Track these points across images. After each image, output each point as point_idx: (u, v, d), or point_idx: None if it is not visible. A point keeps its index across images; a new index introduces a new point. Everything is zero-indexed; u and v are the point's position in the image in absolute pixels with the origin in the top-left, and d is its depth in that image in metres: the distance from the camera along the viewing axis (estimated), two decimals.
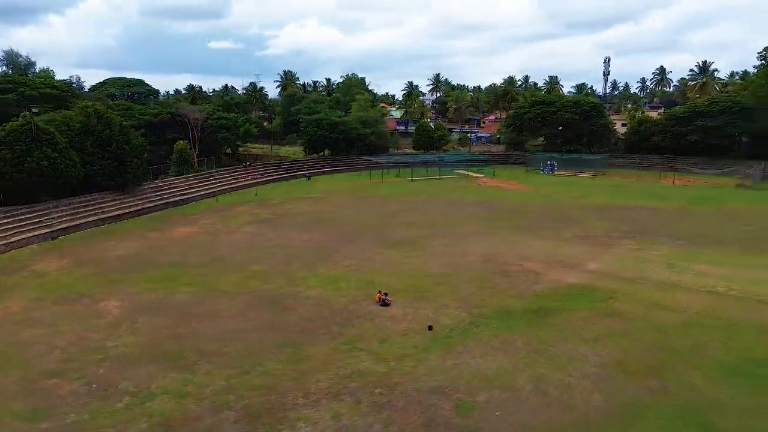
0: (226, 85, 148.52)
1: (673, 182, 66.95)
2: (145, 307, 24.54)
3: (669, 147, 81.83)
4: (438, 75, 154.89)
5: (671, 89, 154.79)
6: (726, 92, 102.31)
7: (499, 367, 18.77)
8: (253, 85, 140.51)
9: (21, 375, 18.43)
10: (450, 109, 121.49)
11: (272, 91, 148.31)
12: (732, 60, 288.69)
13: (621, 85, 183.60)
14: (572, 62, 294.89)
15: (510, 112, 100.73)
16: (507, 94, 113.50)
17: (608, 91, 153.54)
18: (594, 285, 27.52)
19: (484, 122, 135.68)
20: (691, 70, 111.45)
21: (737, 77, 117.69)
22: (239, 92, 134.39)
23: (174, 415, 15.96)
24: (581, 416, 15.87)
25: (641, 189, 62.15)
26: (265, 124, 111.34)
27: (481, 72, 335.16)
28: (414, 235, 38.13)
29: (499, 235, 38.32)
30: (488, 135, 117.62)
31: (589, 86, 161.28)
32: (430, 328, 22.09)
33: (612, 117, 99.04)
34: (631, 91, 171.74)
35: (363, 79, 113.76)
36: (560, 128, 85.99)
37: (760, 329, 21.84)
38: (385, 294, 25.19)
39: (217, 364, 19.11)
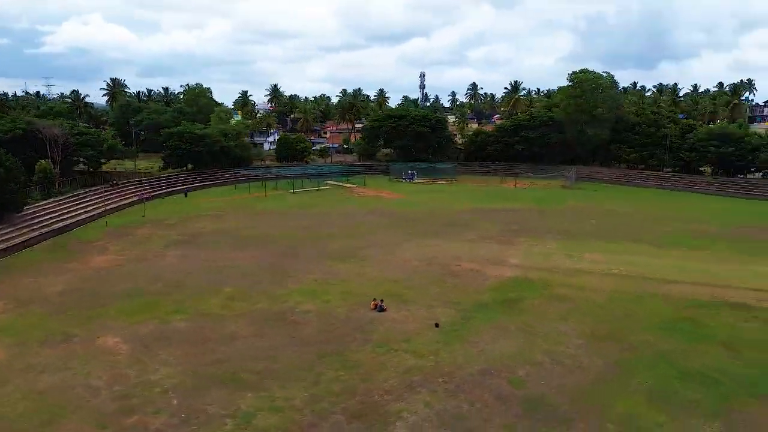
0: (26, 91, 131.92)
1: (515, 185, 78.82)
2: (152, 339, 24.12)
3: (501, 155, 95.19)
4: (276, 86, 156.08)
5: (479, 101, 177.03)
6: (532, 107, 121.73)
7: (515, 348, 23.26)
8: (75, 92, 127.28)
9: (91, 418, 17.89)
10: (299, 120, 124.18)
11: (96, 98, 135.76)
12: (503, 75, 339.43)
13: (432, 97, 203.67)
14: (376, 72, 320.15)
15: (365, 123, 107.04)
16: (353, 106, 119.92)
17: (424, 103, 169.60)
18: (528, 277, 33.64)
19: (326, 133, 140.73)
20: (505, 87, 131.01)
21: (542, 94, 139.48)
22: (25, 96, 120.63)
23: (290, 428, 17.43)
24: (597, 375, 21.04)
25: (495, 192, 72.36)
26: None
27: (292, 79, 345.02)
28: (348, 247, 41.01)
29: (415, 241, 43.03)
30: (335, 146, 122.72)
31: (412, 99, 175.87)
32: (437, 325, 25.71)
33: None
34: (443, 104, 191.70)
35: (209, 89, 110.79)
36: (408, 141, 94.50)
37: (663, 298, 29.66)
38: (381, 301, 28.13)
39: (281, 379, 20.48)
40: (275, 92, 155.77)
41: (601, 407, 18.70)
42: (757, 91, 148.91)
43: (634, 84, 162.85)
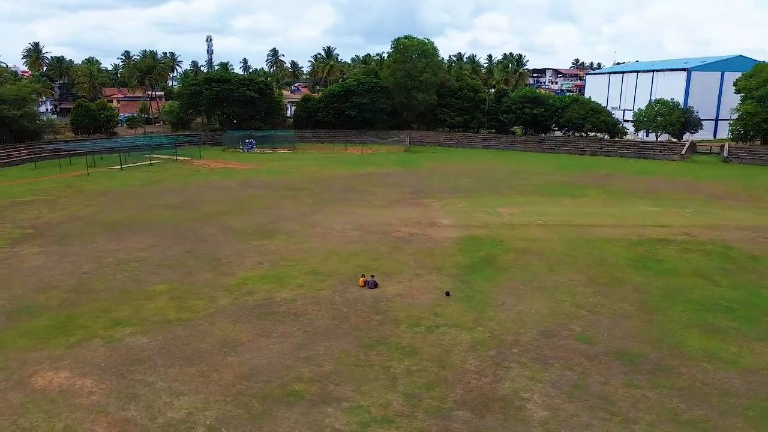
0: None
1: (361, 152, 77.92)
2: (121, 366, 17.17)
3: (332, 122, 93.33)
4: (38, 44, 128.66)
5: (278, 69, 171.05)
6: (349, 74, 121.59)
7: (544, 306, 22.22)
8: None
9: None
10: (83, 85, 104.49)
11: None
12: (270, 45, 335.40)
13: (216, 65, 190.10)
14: (129, 36, 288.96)
15: (179, 89, 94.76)
16: (153, 69, 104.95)
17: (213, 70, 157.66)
18: (474, 235, 32.95)
19: (111, 101, 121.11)
20: (319, 53, 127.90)
21: (359, 60, 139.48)
22: None
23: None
24: (640, 318, 21.14)
25: (349, 159, 70.59)
26: None
27: (19, 40, 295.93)
28: (256, 223, 35.49)
29: (324, 210, 39.32)
30: (126, 116, 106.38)
31: (200, 64, 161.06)
32: (447, 294, 23.35)
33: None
34: (236, 71, 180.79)
35: None
36: (237, 107, 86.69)
37: (606, 241, 31.54)
38: (371, 276, 24.56)
39: (351, 385, 16.23)
40: (36, 52, 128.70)
41: (678, 346, 18.73)
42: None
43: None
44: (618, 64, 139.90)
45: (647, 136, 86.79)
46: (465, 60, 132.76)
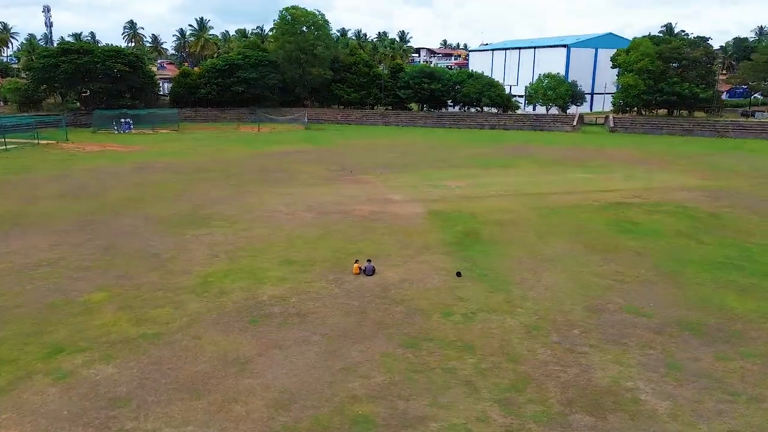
0: None
1: (258, 130, 71.75)
2: (89, 407, 12.03)
3: (217, 99, 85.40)
4: None
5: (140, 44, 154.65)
6: (230, 48, 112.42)
7: (567, 280, 20.19)
8: None
9: None
10: None
11: None
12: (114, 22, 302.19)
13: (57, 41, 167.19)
14: None
15: (29, 62, 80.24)
16: None
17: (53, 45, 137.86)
18: (439, 209, 30.32)
19: None
20: (190, 24, 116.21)
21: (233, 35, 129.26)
22: None
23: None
24: (668, 286, 19.87)
25: (249, 138, 64.80)
26: None
27: None
28: (183, 210, 29.84)
29: (257, 193, 34.36)
30: None
31: (38, 38, 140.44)
32: (458, 274, 20.45)
33: None
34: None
35: None
36: (106, 83, 75.50)
37: (572, 208, 30.59)
38: (368, 261, 20.82)
39: (425, 398, 12.70)
40: None
41: (725, 309, 17.60)
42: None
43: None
44: (484, 44, 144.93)
45: (534, 110, 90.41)
46: (350, 36, 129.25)
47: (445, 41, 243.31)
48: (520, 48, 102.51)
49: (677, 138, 67.31)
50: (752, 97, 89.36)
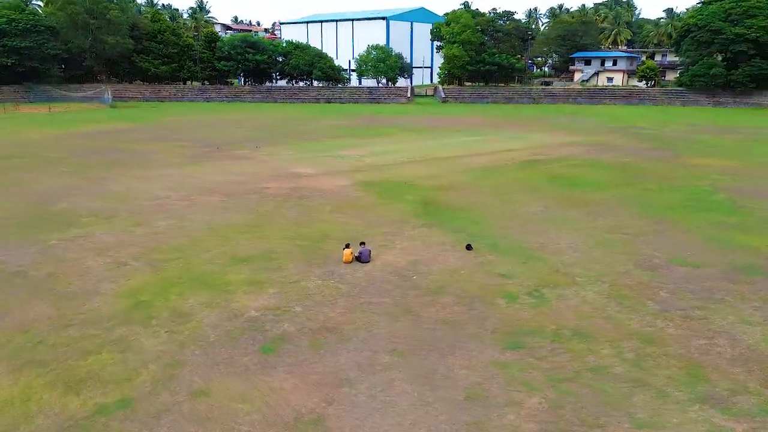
0: None
1: (50, 110, 57.53)
2: None
3: None
4: None
5: None
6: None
7: (584, 237, 17.81)
8: None
9: None
10: None
11: None
12: None
13: None
14: None
15: None
16: None
17: None
18: (369, 181, 26.00)
19: None
20: None
21: None
22: None
23: None
24: (680, 231, 18.69)
25: (42, 119, 51.66)
26: None
27: None
28: (31, 207, 20.92)
29: (118, 178, 26.24)
30: None
31: None
32: (469, 247, 16.68)
33: None
34: None
35: None
36: None
37: (502, 168, 28.71)
38: (362, 244, 15.78)
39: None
40: None
41: (756, 249, 16.88)
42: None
43: None
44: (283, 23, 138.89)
45: (360, 83, 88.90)
46: (143, 3, 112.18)
47: (236, 17, 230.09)
48: (337, 21, 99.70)
49: (504, 105, 71.39)
50: (544, 69, 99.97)
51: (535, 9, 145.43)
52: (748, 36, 66.01)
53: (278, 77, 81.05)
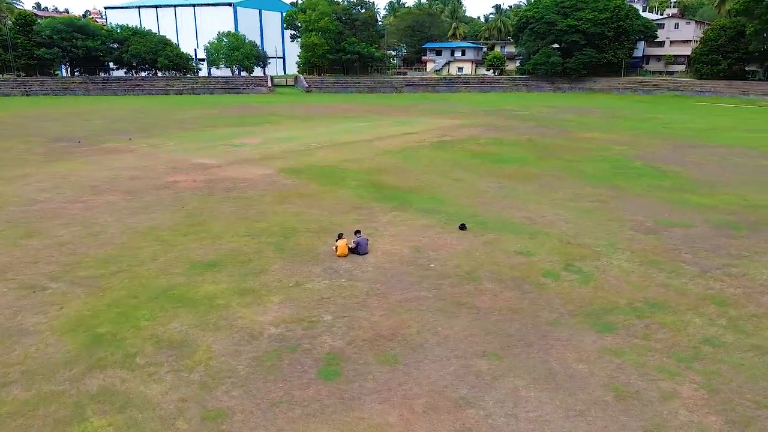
0: None
1: None
2: None
3: None
4: None
5: None
6: None
7: (571, 213, 17.12)
8: None
9: None
10: None
11: None
12: None
13: None
14: None
15: None
16: None
17: None
18: (293, 168, 22.95)
19: None
20: None
21: None
22: None
23: None
24: (652, 198, 18.86)
25: None
26: None
27: None
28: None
29: (36, 165, 19.96)
30: None
31: None
32: (462, 227, 14.99)
33: None
34: None
35: None
36: None
37: (413, 149, 27.35)
38: (357, 233, 13.18)
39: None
40: None
41: (736, 206, 17.59)
42: None
43: None
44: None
45: (209, 73, 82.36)
46: None
47: (38, 3, 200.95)
48: (175, 6, 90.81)
49: (369, 95, 70.71)
50: (393, 60, 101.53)
51: (373, 3, 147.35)
52: (579, 27, 73.20)
53: (115, 67, 71.44)
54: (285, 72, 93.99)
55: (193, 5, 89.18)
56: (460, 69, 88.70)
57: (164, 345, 8.95)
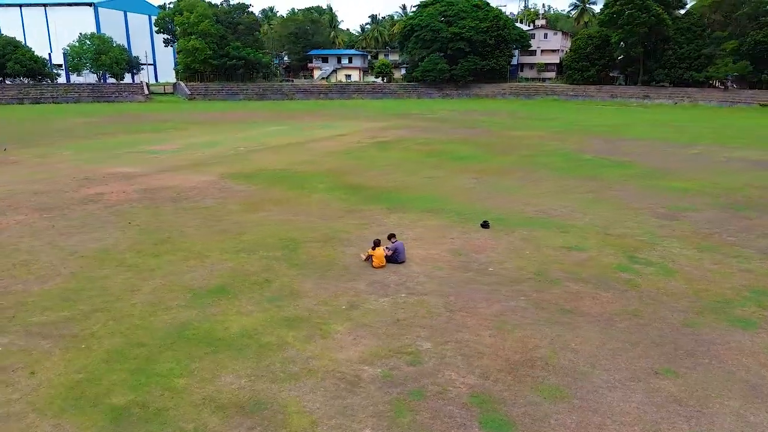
0: None
1: None
2: None
3: None
4: None
5: None
6: None
7: (575, 203, 16.03)
8: None
9: None
10: None
11: None
12: None
13: None
14: None
15: None
16: None
17: None
18: (243, 173, 19.71)
19: None
20: None
21: None
22: None
23: None
24: (639, 186, 18.36)
25: None
26: None
27: None
28: None
29: None
30: None
31: None
32: (485, 225, 13.22)
33: None
34: None
35: None
36: None
37: (354, 150, 25.23)
38: (391, 236, 10.85)
39: None
40: None
41: (717, 188, 17.61)
42: None
43: None
44: None
45: (68, 80, 73.06)
46: None
47: None
48: (21, 5, 79.29)
49: (261, 101, 66.72)
50: (277, 66, 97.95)
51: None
52: (463, 35, 75.40)
53: None
54: (157, 80, 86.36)
55: (44, 5, 78.46)
56: (348, 76, 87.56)
57: (232, 412, 6.05)
